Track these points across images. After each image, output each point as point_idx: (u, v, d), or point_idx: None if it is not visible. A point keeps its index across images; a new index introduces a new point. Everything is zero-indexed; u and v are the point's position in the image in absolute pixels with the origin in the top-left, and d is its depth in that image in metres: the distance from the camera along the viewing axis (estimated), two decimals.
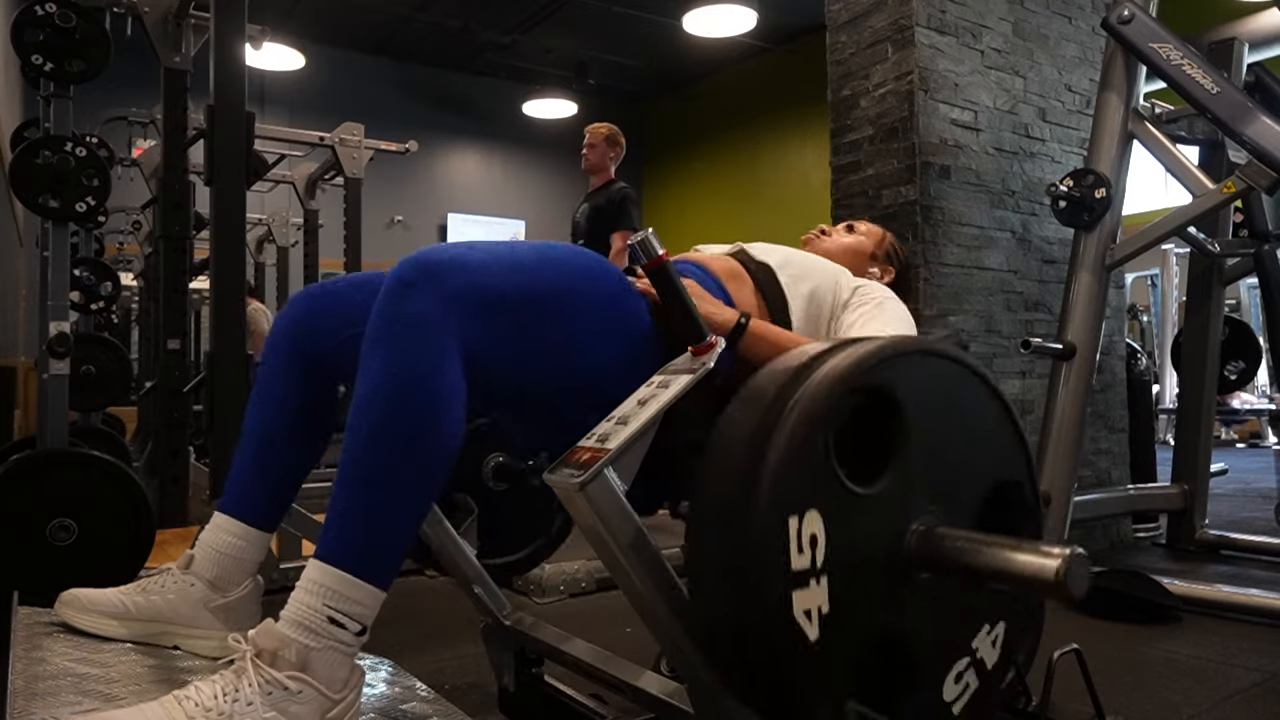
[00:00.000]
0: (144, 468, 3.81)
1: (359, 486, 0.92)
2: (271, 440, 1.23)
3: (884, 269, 1.62)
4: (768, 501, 0.78)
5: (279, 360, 1.24)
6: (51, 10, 2.19)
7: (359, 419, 0.93)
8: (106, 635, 1.17)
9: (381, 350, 0.93)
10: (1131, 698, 1.71)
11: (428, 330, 0.92)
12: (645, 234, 0.97)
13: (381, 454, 0.92)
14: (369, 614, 0.92)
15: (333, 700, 0.89)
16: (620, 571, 0.92)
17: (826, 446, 0.82)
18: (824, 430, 0.82)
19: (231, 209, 2.50)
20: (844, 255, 1.58)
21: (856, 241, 1.63)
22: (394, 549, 0.94)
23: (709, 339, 0.97)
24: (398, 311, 0.93)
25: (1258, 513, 3.89)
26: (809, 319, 1.36)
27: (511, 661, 1.43)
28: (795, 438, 0.80)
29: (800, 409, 0.81)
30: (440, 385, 0.92)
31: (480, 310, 0.95)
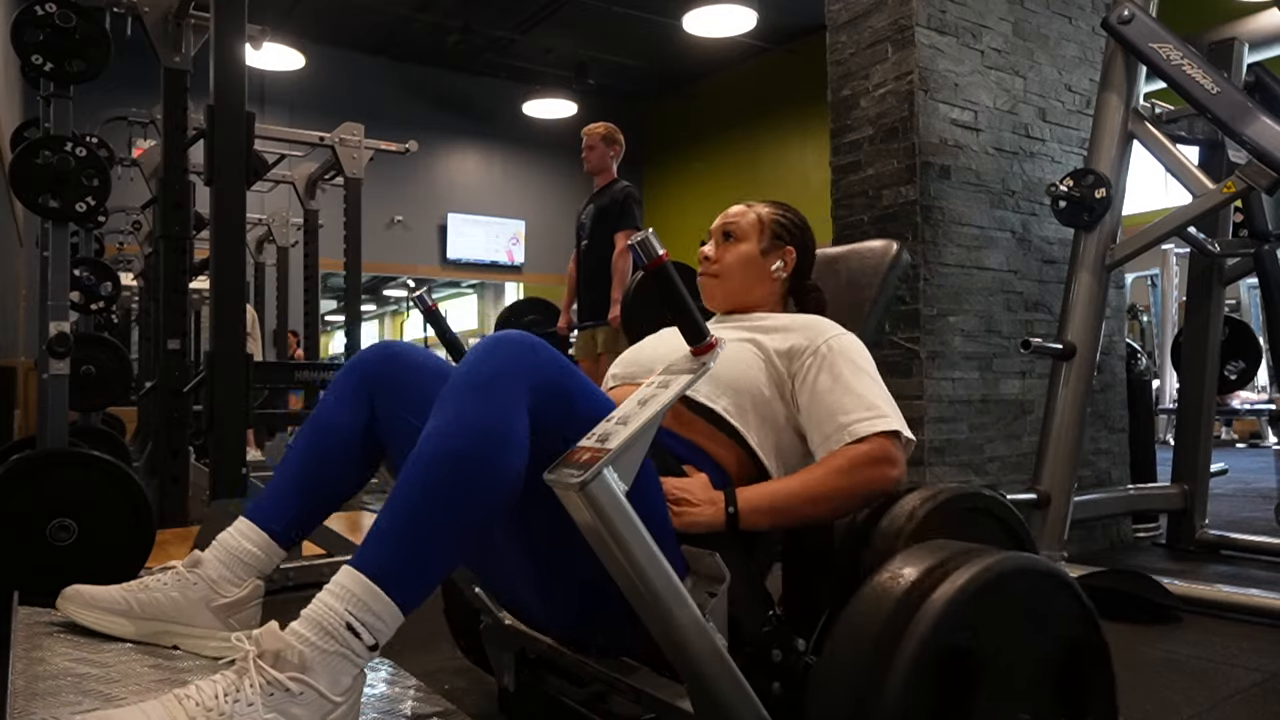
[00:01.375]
0: (144, 468, 3.81)
1: (414, 508, 0.94)
2: (324, 464, 1.25)
3: (783, 255, 1.48)
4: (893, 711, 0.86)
5: (349, 391, 1.26)
6: (51, 10, 2.19)
7: (427, 447, 0.95)
8: (108, 631, 1.17)
9: (465, 393, 0.97)
10: (1131, 698, 1.71)
11: (509, 384, 0.97)
12: (645, 234, 0.97)
13: (443, 486, 0.94)
14: (386, 631, 0.92)
15: (334, 703, 0.89)
16: (620, 571, 0.92)
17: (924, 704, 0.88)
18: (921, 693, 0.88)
19: (231, 209, 2.50)
20: (741, 274, 1.46)
21: (740, 252, 1.47)
22: (429, 577, 0.96)
23: (709, 339, 0.97)
24: (478, 369, 0.99)
25: (1258, 513, 3.89)
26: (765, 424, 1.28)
27: (511, 661, 1.43)
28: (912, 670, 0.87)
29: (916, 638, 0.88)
30: (510, 438, 0.96)
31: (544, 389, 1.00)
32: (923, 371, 2.76)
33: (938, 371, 2.80)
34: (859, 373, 1.26)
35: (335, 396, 1.27)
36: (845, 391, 1.23)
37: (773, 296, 1.49)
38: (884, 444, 1.19)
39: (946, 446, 2.81)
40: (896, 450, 1.20)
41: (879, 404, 1.22)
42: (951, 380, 2.84)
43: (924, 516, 1.12)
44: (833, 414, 1.22)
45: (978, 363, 2.92)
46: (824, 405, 1.24)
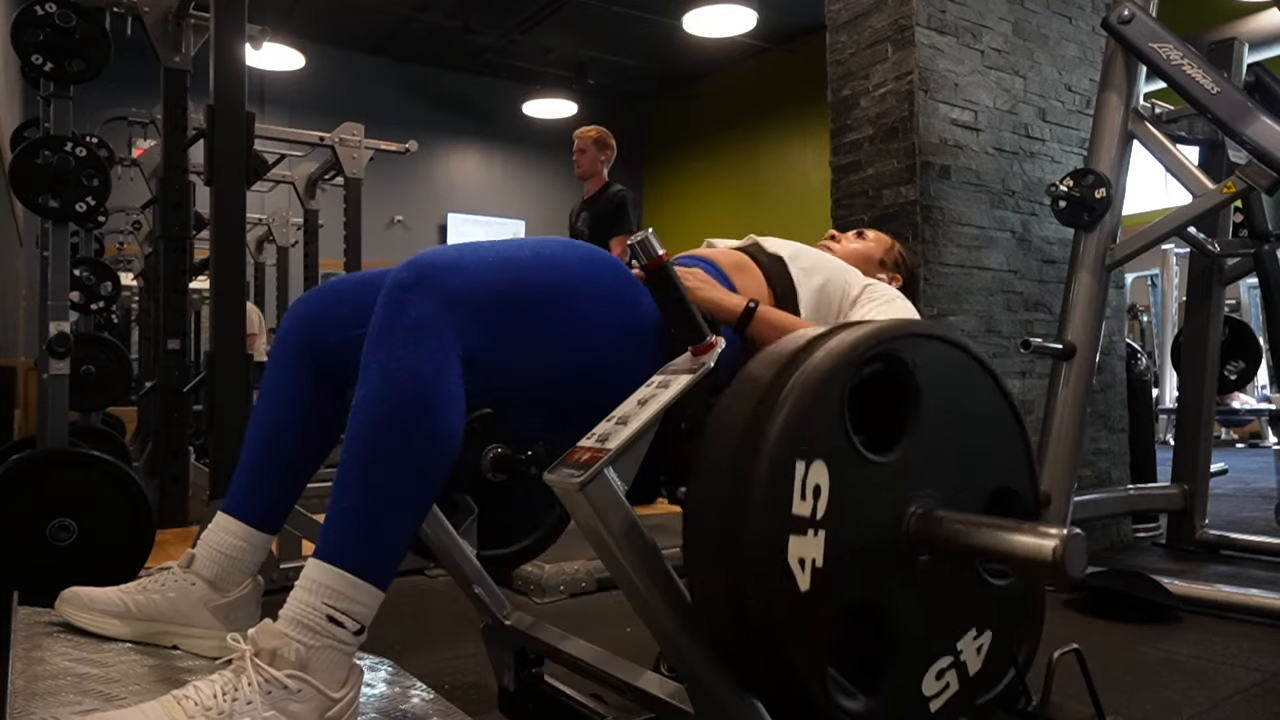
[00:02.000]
0: (144, 468, 3.81)
1: (359, 487, 0.93)
2: (276, 440, 1.22)
3: (891, 276, 1.64)
4: (778, 440, 0.79)
5: (286, 359, 1.24)
6: (51, 10, 2.19)
7: (358, 420, 0.94)
8: (106, 634, 1.17)
9: (380, 353, 0.94)
10: (1131, 698, 1.71)
11: (426, 334, 0.93)
12: (645, 234, 0.97)
13: (381, 455, 0.92)
14: (368, 613, 0.92)
15: (332, 699, 0.89)
16: (620, 571, 0.92)
17: (841, 401, 0.83)
18: (840, 385, 0.83)
19: (231, 209, 2.50)
20: (852, 259, 1.59)
21: (865, 247, 1.65)
22: (393, 549, 0.95)
23: (709, 339, 0.97)
24: (396, 315, 0.94)
25: (1258, 513, 3.89)
26: (818, 312, 1.37)
27: (511, 661, 1.43)
28: (810, 387, 0.81)
29: (817, 364, 0.83)
30: (438, 389, 0.93)
31: (478, 311, 0.96)
32: None
33: None
34: None
35: (273, 368, 1.24)
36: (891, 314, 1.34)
37: None
38: None
39: None
40: None
41: None
42: None
43: None
44: None
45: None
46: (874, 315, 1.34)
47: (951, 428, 0.93)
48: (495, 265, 1.00)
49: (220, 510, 1.21)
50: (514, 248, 1.05)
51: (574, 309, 1.05)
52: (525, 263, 1.04)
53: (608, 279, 1.09)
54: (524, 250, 1.06)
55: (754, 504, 0.79)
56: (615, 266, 1.12)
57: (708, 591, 0.85)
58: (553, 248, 1.08)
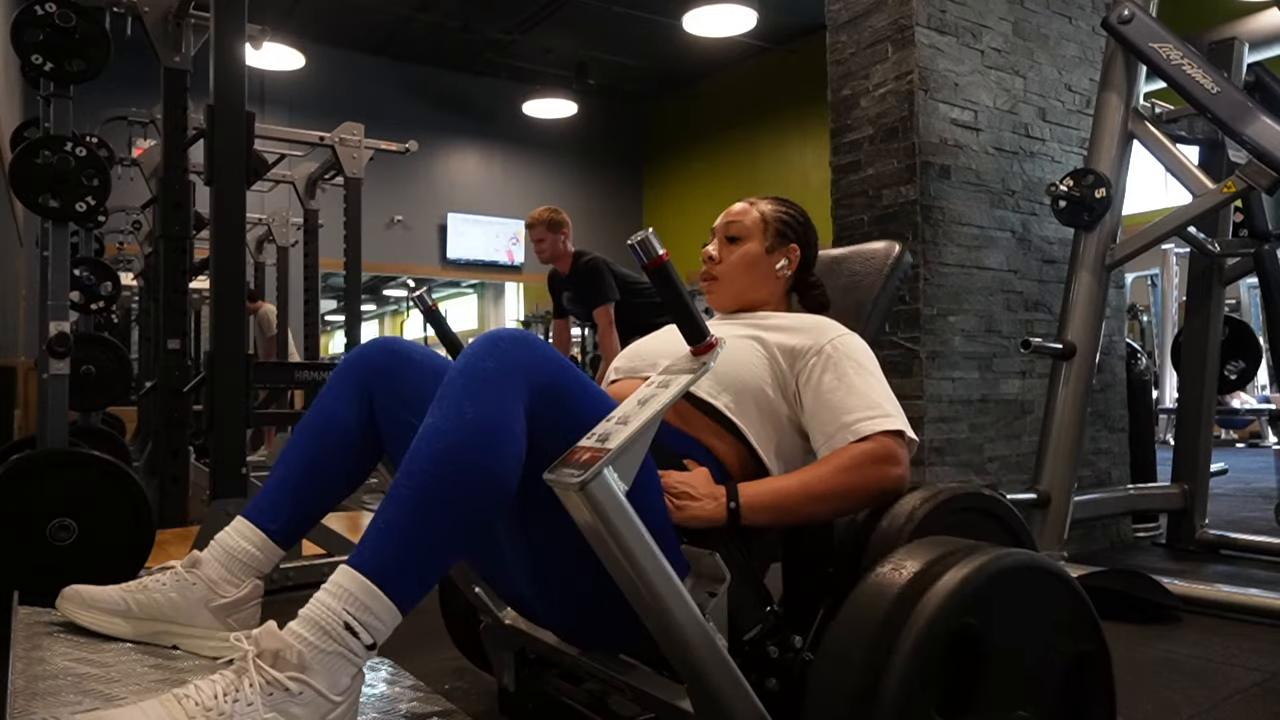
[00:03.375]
0: (144, 468, 3.81)
1: (409, 508, 0.94)
2: (319, 464, 1.24)
3: (787, 253, 1.47)
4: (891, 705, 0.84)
5: (347, 388, 1.25)
6: (51, 10, 2.19)
7: (423, 446, 0.95)
8: (107, 632, 1.17)
9: (458, 389, 0.97)
10: (1131, 698, 1.71)
11: (505, 382, 0.97)
12: (645, 234, 0.97)
13: (439, 483, 0.94)
14: (384, 631, 0.92)
15: (333, 702, 0.89)
16: (620, 571, 0.92)
17: (943, 656, 0.88)
18: (923, 685, 0.88)
19: (231, 209, 2.50)
20: (746, 274, 1.46)
21: (744, 252, 1.47)
22: (427, 576, 0.96)
23: (709, 339, 0.97)
24: (476, 365, 0.98)
25: (1258, 513, 3.89)
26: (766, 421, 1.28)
27: (511, 661, 1.43)
28: (909, 666, 0.86)
29: (915, 633, 0.88)
30: (508, 434, 0.96)
31: (542, 387, 1.00)
32: (923, 371, 2.76)
33: (938, 371, 2.80)
34: (863, 372, 1.26)
35: (333, 393, 1.26)
36: (849, 391, 1.23)
37: (777, 294, 1.49)
38: (887, 443, 1.19)
39: (946, 446, 2.81)
40: (900, 449, 1.20)
41: (883, 403, 1.22)
42: (951, 380, 2.84)
43: (924, 516, 1.12)
44: (836, 413, 1.22)
45: (978, 363, 2.92)
46: (827, 404, 1.23)
47: (1023, 656, 0.97)
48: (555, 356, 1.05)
49: (241, 515, 1.22)
50: None
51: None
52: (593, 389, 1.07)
53: None
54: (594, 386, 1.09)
55: None
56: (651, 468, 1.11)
57: None
58: None
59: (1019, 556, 0.96)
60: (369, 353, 1.28)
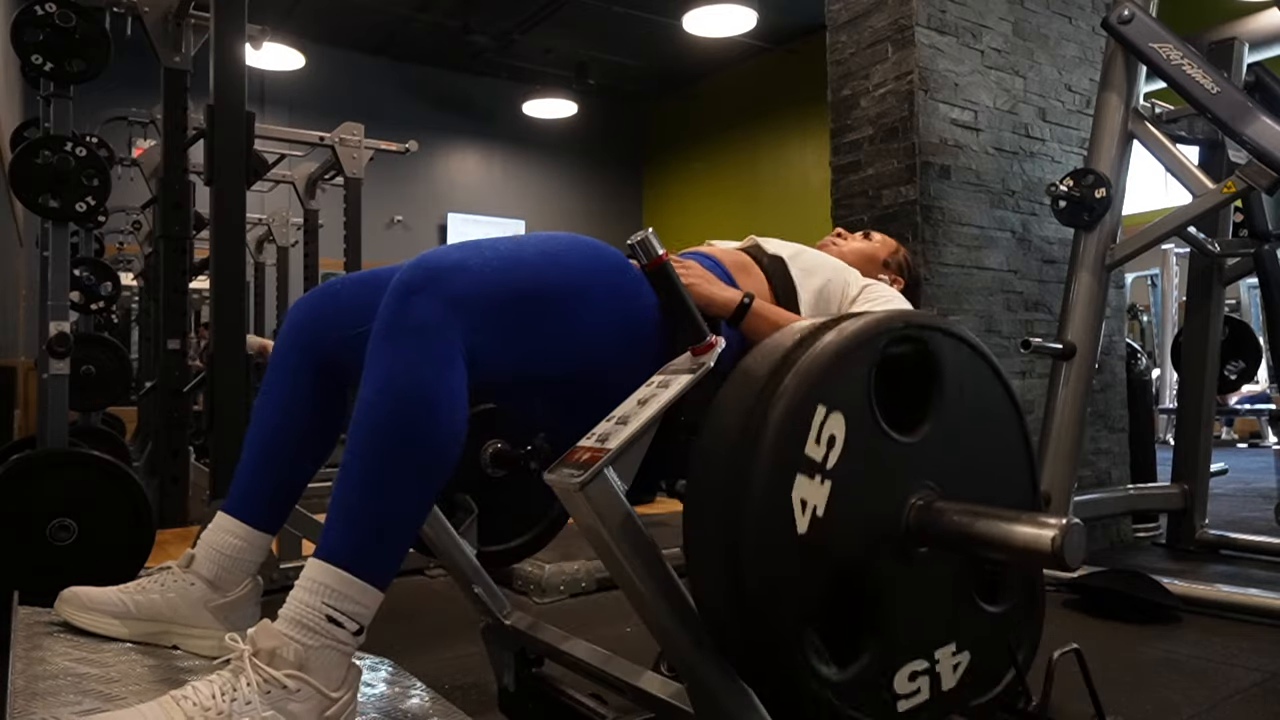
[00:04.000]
0: (144, 468, 3.81)
1: (361, 487, 0.93)
2: (277, 441, 1.22)
3: (894, 278, 1.64)
4: (802, 381, 0.81)
5: (286, 360, 1.24)
6: (51, 10, 2.18)
7: (361, 420, 0.94)
8: (106, 634, 1.17)
9: (385, 354, 0.94)
10: (1131, 698, 1.71)
11: (430, 335, 0.93)
12: (645, 234, 0.97)
13: (383, 456, 0.92)
14: (367, 614, 0.92)
15: (331, 699, 0.89)
16: (620, 571, 0.92)
17: (869, 366, 0.85)
18: (870, 350, 0.85)
19: (231, 209, 2.50)
20: (856, 259, 1.60)
21: (870, 248, 1.66)
22: (394, 550, 0.95)
23: (709, 339, 0.97)
24: (401, 316, 0.94)
25: (1258, 513, 3.89)
26: (817, 312, 1.37)
27: (511, 661, 1.43)
28: (838, 347, 0.83)
29: (847, 330, 0.85)
30: (441, 391, 0.93)
31: (483, 313, 0.96)
32: None
33: None
34: None
35: (273, 365, 1.25)
36: None
37: None
38: None
39: None
40: None
41: None
42: None
43: None
44: None
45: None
46: None
47: (964, 422, 0.94)
48: (500, 266, 1.00)
49: (220, 510, 1.21)
50: (518, 246, 1.05)
51: (577, 308, 1.05)
52: (529, 262, 1.03)
53: (613, 276, 1.09)
54: (527, 249, 1.05)
55: (769, 432, 0.79)
56: (620, 263, 1.12)
57: (705, 527, 0.84)
58: (557, 245, 1.08)
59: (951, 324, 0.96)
60: (297, 310, 1.26)
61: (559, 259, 1.06)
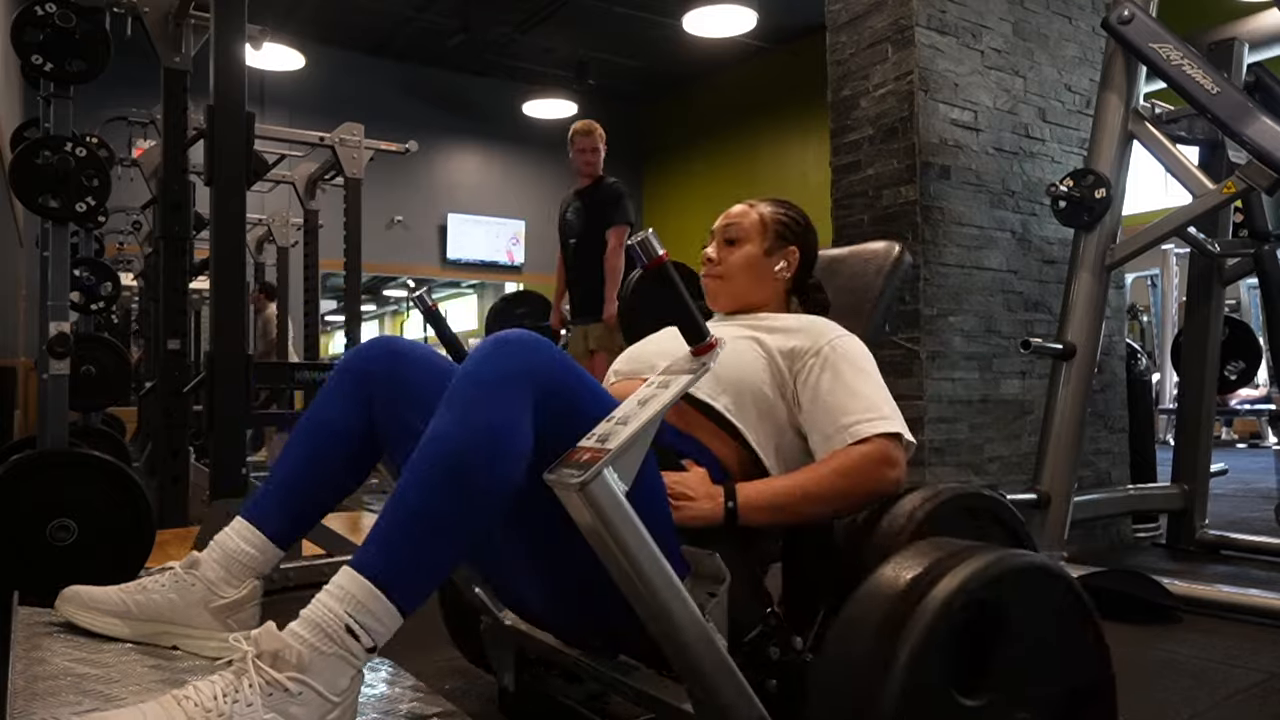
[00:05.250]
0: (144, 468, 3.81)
1: (413, 511, 0.94)
2: (318, 466, 1.23)
3: (786, 255, 1.47)
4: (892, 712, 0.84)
5: (346, 388, 1.24)
6: (51, 10, 2.19)
7: (430, 449, 0.95)
8: (106, 633, 1.17)
9: (467, 393, 0.96)
10: (1131, 698, 1.71)
11: (510, 388, 0.96)
12: (645, 234, 0.97)
13: (445, 488, 0.94)
14: (384, 633, 0.92)
15: (332, 703, 0.89)
16: (620, 571, 0.92)
17: (946, 657, 0.88)
18: (941, 653, 0.87)
19: (231, 209, 2.50)
20: (745, 276, 1.46)
21: (744, 254, 1.47)
22: (429, 579, 0.96)
23: (709, 339, 0.97)
24: (484, 367, 0.98)
25: (1258, 513, 3.89)
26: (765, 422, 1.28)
27: (511, 661, 1.43)
28: (915, 662, 0.86)
29: (918, 632, 0.87)
30: (514, 440, 0.95)
31: (548, 389, 0.99)
32: (923, 371, 2.76)
33: (938, 371, 2.80)
34: (861, 374, 1.26)
35: (332, 393, 1.25)
36: (847, 393, 1.24)
37: (777, 296, 1.49)
38: (885, 445, 1.19)
39: (946, 446, 2.81)
40: (897, 452, 1.20)
41: (881, 405, 1.23)
42: (951, 380, 2.84)
43: (924, 516, 1.12)
44: (834, 414, 1.23)
45: (978, 363, 2.92)
46: (826, 406, 1.24)
47: (1036, 651, 0.96)
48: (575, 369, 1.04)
49: (240, 515, 1.22)
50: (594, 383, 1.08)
51: None
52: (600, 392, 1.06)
53: None
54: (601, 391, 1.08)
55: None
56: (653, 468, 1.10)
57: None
58: None
59: (1023, 558, 0.96)
60: (368, 352, 1.27)
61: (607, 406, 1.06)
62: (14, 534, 1.98)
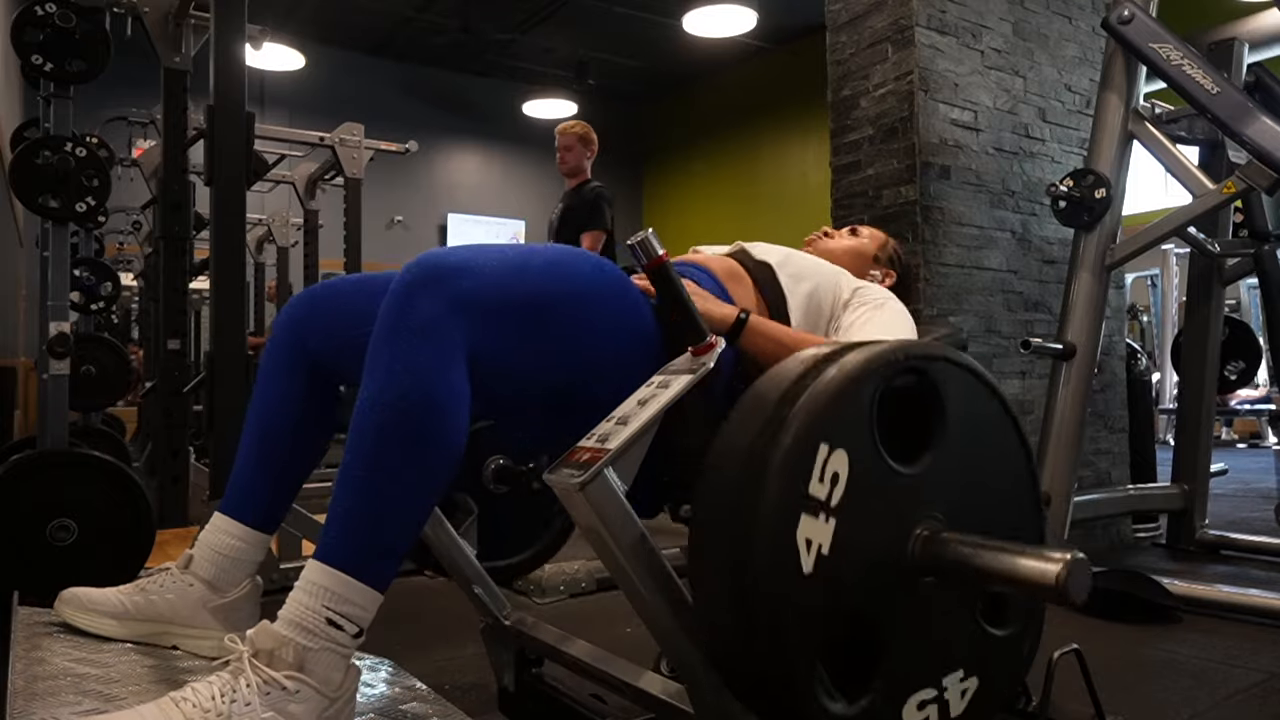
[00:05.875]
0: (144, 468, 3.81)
1: (361, 489, 0.92)
2: (272, 440, 1.22)
3: (885, 272, 1.62)
4: (805, 418, 0.81)
5: (280, 359, 1.23)
6: (51, 10, 2.18)
7: (362, 421, 0.93)
8: (105, 635, 1.17)
9: (387, 353, 0.93)
10: (1131, 698, 1.71)
11: (433, 335, 0.92)
12: (645, 234, 0.97)
13: (384, 457, 0.92)
14: (366, 616, 0.92)
15: (330, 699, 0.89)
16: (620, 571, 0.92)
17: (871, 402, 0.85)
18: (871, 387, 0.85)
19: (231, 209, 2.50)
20: (845, 256, 1.58)
21: (859, 244, 1.63)
22: (394, 552, 0.95)
23: (709, 339, 0.97)
24: (404, 315, 0.93)
25: (1258, 513, 3.89)
26: (808, 319, 1.36)
27: (511, 661, 1.43)
28: (840, 383, 0.83)
29: (848, 364, 0.85)
30: (444, 391, 0.92)
31: (486, 315, 0.95)
32: None
33: None
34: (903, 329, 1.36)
35: (269, 366, 1.24)
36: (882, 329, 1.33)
37: None
38: None
39: None
40: None
41: None
42: None
43: None
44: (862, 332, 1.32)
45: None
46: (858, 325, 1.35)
47: (967, 448, 0.95)
48: (506, 270, 0.99)
49: (218, 511, 1.21)
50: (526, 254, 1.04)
51: (580, 318, 1.04)
52: (537, 269, 1.03)
53: (616, 288, 1.09)
54: (536, 257, 1.04)
55: (772, 472, 0.79)
56: (622, 279, 1.12)
57: (712, 562, 0.84)
58: (565, 256, 1.08)
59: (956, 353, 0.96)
60: (286, 315, 1.26)
61: (566, 269, 1.05)
62: (14, 534, 1.98)
